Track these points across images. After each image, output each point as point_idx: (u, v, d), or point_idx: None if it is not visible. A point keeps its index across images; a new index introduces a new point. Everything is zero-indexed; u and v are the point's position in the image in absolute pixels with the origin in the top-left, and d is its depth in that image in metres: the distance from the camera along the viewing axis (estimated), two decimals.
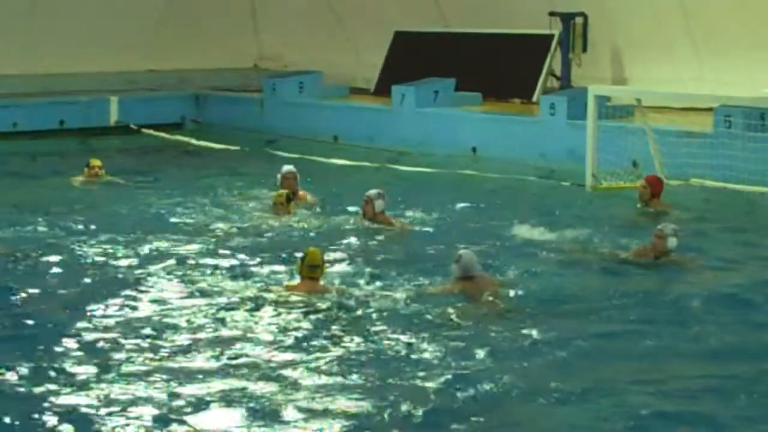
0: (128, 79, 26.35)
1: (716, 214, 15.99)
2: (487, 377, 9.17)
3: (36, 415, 8.38)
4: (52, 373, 9.22)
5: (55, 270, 12.50)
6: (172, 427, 8.23)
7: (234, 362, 9.55)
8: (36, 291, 11.66)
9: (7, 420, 8.27)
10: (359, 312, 10.92)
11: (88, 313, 10.86)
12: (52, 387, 8.95)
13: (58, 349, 9.84)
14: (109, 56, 25.97)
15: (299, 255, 11.63)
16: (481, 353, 9.79)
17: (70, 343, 9.99)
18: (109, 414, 8.42)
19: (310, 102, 24.41)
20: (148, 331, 10.35)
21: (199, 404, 8.61)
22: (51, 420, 8.30)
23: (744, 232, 14.80)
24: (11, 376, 9.16)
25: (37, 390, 8.89)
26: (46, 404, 8.61)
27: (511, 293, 11.55)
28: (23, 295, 11.48)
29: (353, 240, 14.09)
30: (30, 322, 10.62)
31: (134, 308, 11.09)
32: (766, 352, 9.98)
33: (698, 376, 9.28)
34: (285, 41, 28.63)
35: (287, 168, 16.65)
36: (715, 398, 8.77)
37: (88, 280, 12.08)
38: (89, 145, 23.39)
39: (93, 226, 14.72)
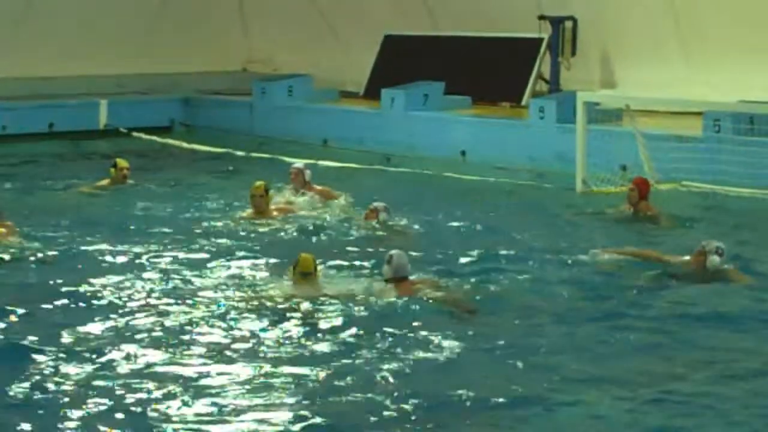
0: (118, 82, 26.32)
1: (705, 218, 15.98)
2: (482, 378, 9.19)
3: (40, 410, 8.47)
4: (51, 372, 9.29)
5: (48, 271, 12.48)
6: (165, 426, 8.24)
7: (223, 363, 9.55)
8: (31, 291, 11.69)
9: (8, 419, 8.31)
10: (347, 314, 10.89)
11: (83, 315, 10.86)
12: (49, 385, 9.02)
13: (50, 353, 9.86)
14: (98, 59, 25.89)
15: (288, 259, 11.61)
16: (474, 354, 9.81)
17: (58, 347, 9.99)
18: (106, 411, 8.47)
19: (299, 105, 24.41)
20: (137, 333, 10.34)
21: (190, 405, 8.62)
22: (52, 417, 8.35)
23: (735, 235, 14.78)
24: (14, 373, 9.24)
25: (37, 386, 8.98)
26: (47, 401, 8.68)
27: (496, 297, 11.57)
28: (23, 296, 11.53)
29: (346, 242, 14.08)
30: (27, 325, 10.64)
31: (124, 309, 11.07)
32: None
33: (701, 384, 9.25)
34: (274, 44, 28.62)
35: (294, 165, 16.54)
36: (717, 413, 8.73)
37: (79, 282, 12.02)
38: (80, 147, 23.43)
39: (89, 228, 14.74)
